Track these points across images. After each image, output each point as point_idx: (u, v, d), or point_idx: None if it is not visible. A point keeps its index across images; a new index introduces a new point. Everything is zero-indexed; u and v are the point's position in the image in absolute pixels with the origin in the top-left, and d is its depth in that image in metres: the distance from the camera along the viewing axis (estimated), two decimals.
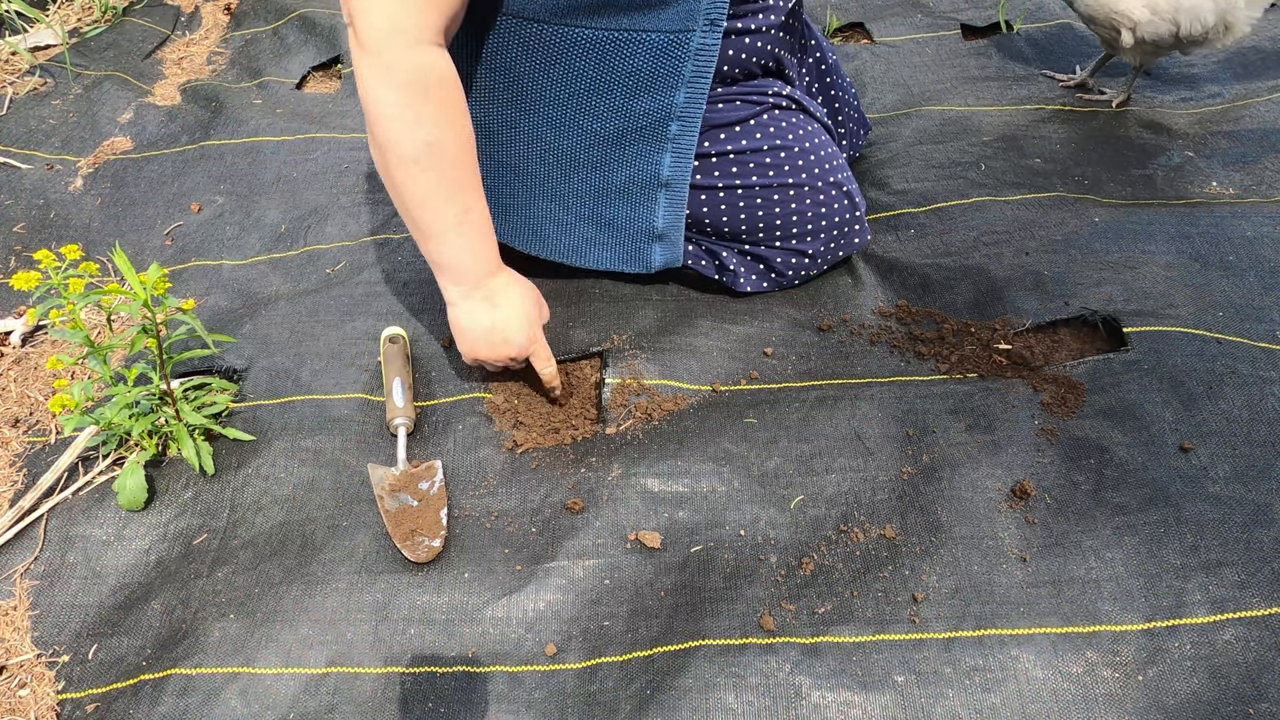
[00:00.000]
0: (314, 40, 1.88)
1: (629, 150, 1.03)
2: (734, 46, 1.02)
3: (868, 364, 1.09)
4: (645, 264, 1.13)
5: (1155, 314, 1.08)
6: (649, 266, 1.13)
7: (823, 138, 1.13)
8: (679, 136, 1.03)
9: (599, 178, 1.06)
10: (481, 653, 0.85)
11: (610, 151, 1.04)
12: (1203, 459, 0.93)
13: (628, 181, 1.06)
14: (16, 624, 0.91)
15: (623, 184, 1.06)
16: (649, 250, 1.12)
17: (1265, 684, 0.77)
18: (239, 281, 1.30)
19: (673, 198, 1.07)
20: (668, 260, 1.13)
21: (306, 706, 0.82)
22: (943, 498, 0.93)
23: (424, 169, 0.88)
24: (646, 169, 1.05)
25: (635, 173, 1.05)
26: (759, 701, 0.79)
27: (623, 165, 1.05)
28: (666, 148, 1.03)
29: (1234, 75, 1.57)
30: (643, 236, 1.11)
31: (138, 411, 0.99)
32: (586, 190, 1.07)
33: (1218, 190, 1.31)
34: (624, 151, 1.04)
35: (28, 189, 1.47)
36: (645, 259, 1.13)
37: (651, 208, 1.08)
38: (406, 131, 0.85)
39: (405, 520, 0.94)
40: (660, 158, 1.04)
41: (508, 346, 0.99)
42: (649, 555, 0.91)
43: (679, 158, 1.04)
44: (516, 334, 0.99)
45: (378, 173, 1.48)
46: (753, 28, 1.02)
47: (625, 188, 1.07)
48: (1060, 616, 0.83)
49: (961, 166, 1.39)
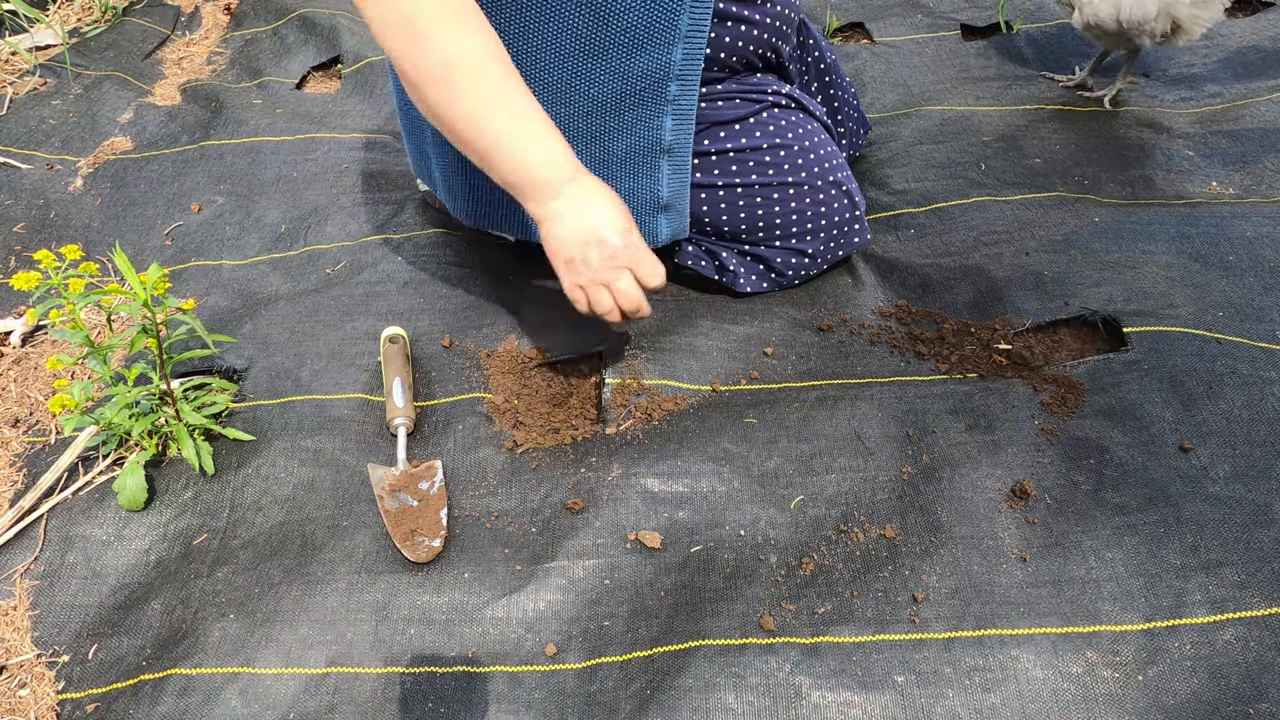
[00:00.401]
0: (314, 40, 1.88)
1: (628, 115, 1.01)
2: (734, 34, 1.01)
3: (868, 364, 1.09)
4: (652, 237, 1.10)
5: (1155, 314, 1.08)
6: (655, 240, 1.10)
7: (822, 136, 1.13)
8: (679, 98, 1.00)
9: (599, 148, 1.03)
10: (481, 653, 0.85)
11: (609, 119, 1.01)
12: (1203, 459, 0.93)
13: (629, 150, 1.03)
14: (16, 624, 0.91)
15: (624, 153, 1.04)
16: (655, 223, 1.09)
17: (1265, 684, 0.77)
18: (239, 281, 1.30)
19: (676, 165, 1.04)
20: (674, 232, 1.10)
21: (306, 706, 0.82)
22: (943, 498, 0.93)
23: (451, 87, 0.85)
24: (648, 135, 1.02)
25: (636, 140, 1.02)
26: (759, 701, 0.79)
27: (623, 133, 1.02)
28: (667, 110, 1.00)
29: (1234, 75, 1.57)
30: (647, 209, 1.08)
31: (138, 411, 0.99)
32: (586, 163, 1.03)
33: (1218, 190, 1.31)
34: (623, 117, 1.01)
35: (28, 189, 1.47)
36: (651, 232, 1.09)
37: (655, 176, 1.05)
38: (423, 55, 0.84)
39: (405, 520, 0.94)
40: (661, 121, 1.01)
41: (605, 249, 0.90)
42: (649, 555, 0.91)
43: (680, 121, 1.01)
44: (612, 232, 0.90)
45: (379, 171, 1.49)
46: (755, 18, 1.02)
47: (627, 157, 1.04)
48: (1060, 616, 0.83)
49: (961, 166, 1.39)
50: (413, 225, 1.34)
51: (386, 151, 1.54)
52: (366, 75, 1.77)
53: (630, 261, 0.92)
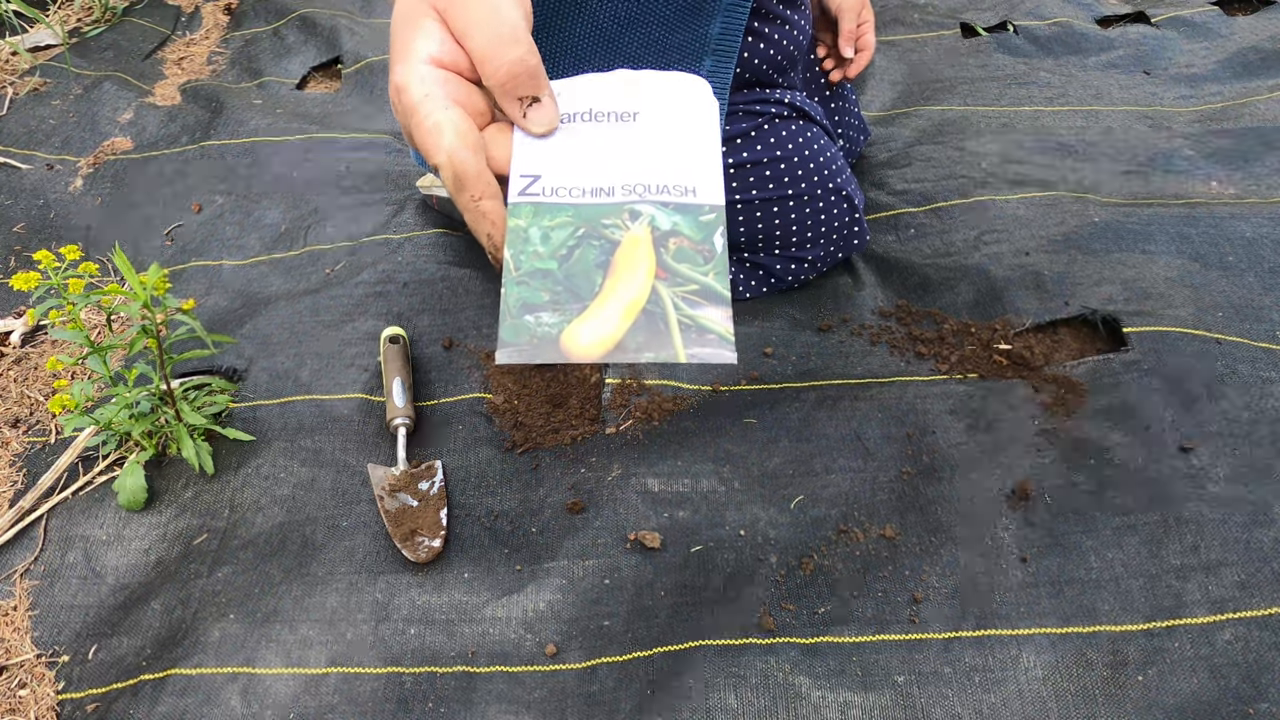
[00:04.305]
0: (314, 40, 1.88)
1: None
2: (766, 41, 1.01)
3: (868, 364, 1.09)
4: None
5: (1155, 314, 1.08)
6: None
7: (823, 142, 1.12)
8: (714, 73, 0.98)
9: None
10: (481, 653, 0.85)
11: None
12: (1203, 459, 0.93)
13: None
14: (16, 624, 0.91)
15: None
16: None
17: (1265, 684, 0.77)
18: (239, 281, 1.30)
19: None
20: None
21: (306, 706, 0.82)
22: (943, 498, 0.93)
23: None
24: None
25: None
26: (759, 701, 0.79)
27: None
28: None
29: (1234, 75, 1.57)
30: None
31: (138, 412, 0.99)
32: None
33: (1218, 190, 1.31)
34: None
35: (28, 189, 1.47)
36: None
37: None
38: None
39: (405, 520, 0.94)
40: None
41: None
42: (649, 555, 0.91)
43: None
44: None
45: (379, 171, 1.49)
46: (794, 18, 1.01)
47: None
48: (1060, 616, 0.83)
49: (961, 166, 1.39)
50: (413, 225, 1.34)
51: (386, 151, 1.54)
52: (366, 75, 1.77)
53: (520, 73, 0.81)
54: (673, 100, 0.53)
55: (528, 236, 0.48)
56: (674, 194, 0.50)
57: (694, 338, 0.45)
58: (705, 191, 0.50)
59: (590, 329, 0.45)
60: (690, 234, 0.48)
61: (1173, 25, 1.73)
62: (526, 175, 0.50)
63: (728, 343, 0.45)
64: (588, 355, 0.45)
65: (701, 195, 0.50)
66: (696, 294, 0.47)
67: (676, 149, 0.51)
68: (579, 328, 0.45)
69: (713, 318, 0.46)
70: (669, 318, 0.46)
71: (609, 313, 0.46)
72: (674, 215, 0.49)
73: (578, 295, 0.46)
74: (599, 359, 0.45)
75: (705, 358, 0.44)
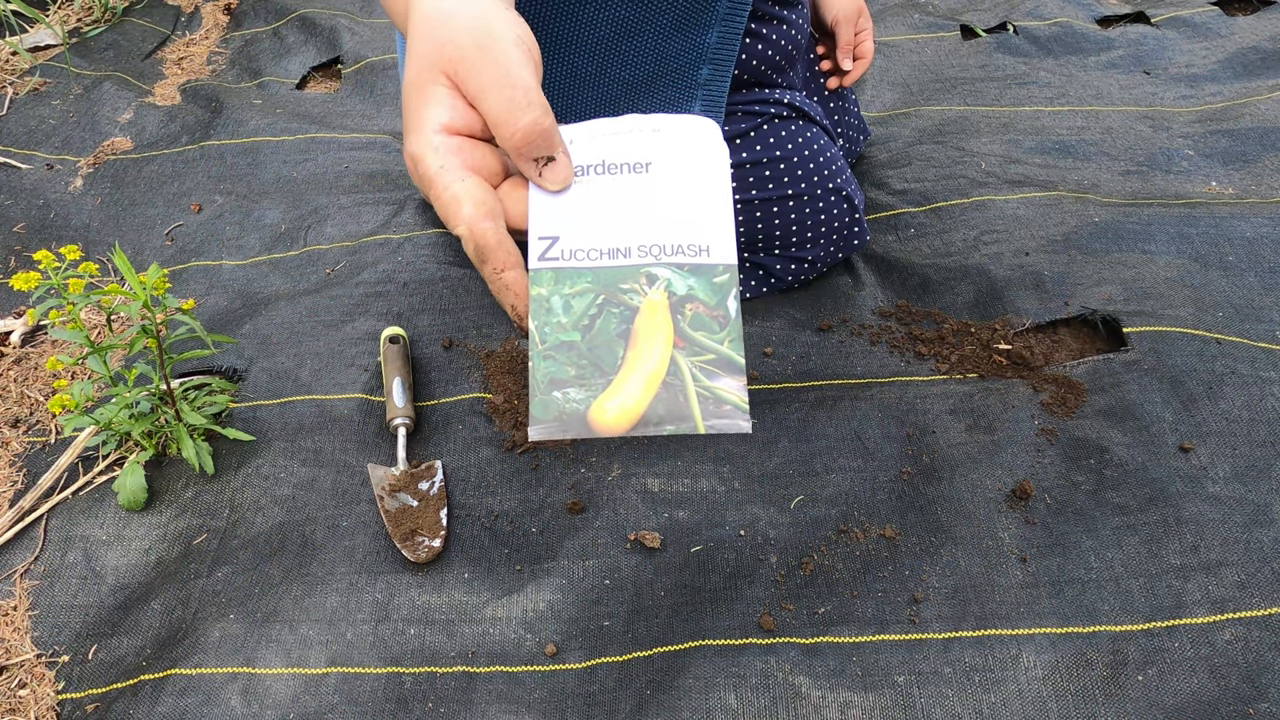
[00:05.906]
0: (314, 40, 1.88)
1: (656, 98, 0.99)
2: (764, 42, 1.01)
3: (868, 364, 1.09)
4: None
5: (1155, 314, 1.08)
6: None
7: (823, 142, 1.12)
8: (710, 82, 0.98)
9: None
10: (481, 653, 0.85)
11: (636, 101, 0.99)
12: (1203, 459, 0.93)
13: None
14: (16, 624, 0.91)
15: None
16: None
17: (1265, 684, 0.77)
18: (239, 281, 1.30)
19: None
20: None
21: (306, 706, 0.82)
22: (943, 498, 0.93)
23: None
24: None
25: None
26: (759, 701, 0.79)
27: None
28: (696, 95, 0.98)
29: (1234, 75, 1.57)
30: None
31: (138, 412, 0.99)
32: None
33: (1218, 190, 1.31)
34: (650, 100, 0.99)
35: (28, 189, 1.47)
36: None
37: None
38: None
39: (405, 520, 0.94)
40: (690, 106, 0.99)
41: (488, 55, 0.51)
42: (649, 555, 0.91)
43: (710, 106, 1.00)
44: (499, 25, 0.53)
45: (379, 171, 1.49)
46: (792, 17, 1.01)
47: None
48: (1060, 616, 0.83)
49: (961, 166, 1.39)
50: (413, 225, 1.34)
51: (386, 151, 1.54)
52: (366, 75, 1.77)
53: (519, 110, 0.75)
54: (684, 148, 0.54)
55: (550, 306, 0.50)
56: (688, 254, 0.51)
57: (711, 409, 0.47)
58: (718, 250, 0.51)
59: (615, 405, 0.48)
60: (705, 298, 0.50)
61: (1173, 25, 1.73)
62: (545, 238, 0.51)
63: (743, 412, 0.47)
64: (614, 430, 0.47)
65: (715, 254, 0.51)
66: (713, 364, 0.49)
67: (689, 204, 0.52)
68: (604, 404, 0.48)
69: (729, 388, 0.48)
70: (688, 390, 0.48)
71: (631, 388, 0.48)
72: (689, 278, 0.50)
73: (601, 370, 0.48)
74: (624, 433, 0.47)
75: (722, 428, 0.47)
